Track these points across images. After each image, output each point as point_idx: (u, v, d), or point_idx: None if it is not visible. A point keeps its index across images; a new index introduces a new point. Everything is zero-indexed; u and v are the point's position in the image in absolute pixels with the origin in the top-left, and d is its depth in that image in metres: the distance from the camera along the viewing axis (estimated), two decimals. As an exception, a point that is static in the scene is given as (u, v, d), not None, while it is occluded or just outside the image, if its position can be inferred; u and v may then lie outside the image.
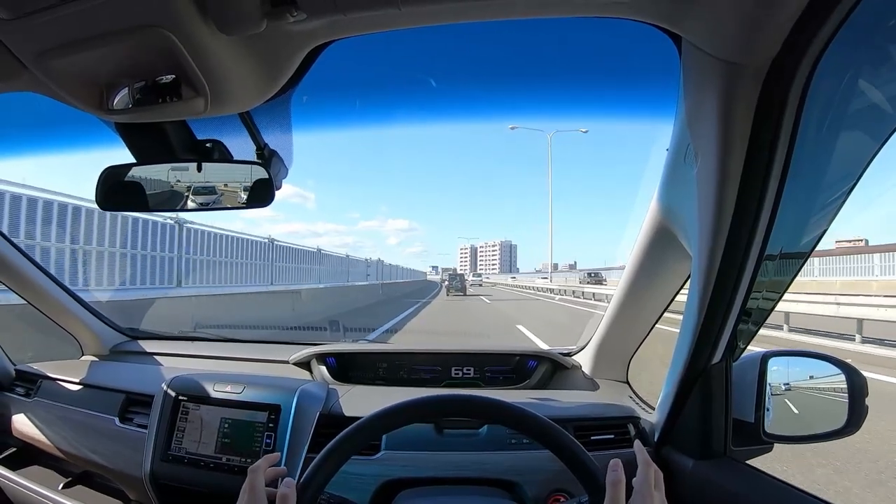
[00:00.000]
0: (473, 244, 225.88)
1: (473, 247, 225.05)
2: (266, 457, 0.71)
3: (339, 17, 0.53)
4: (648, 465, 0.64)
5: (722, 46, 0.57)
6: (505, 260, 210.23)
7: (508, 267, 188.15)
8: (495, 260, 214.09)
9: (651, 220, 0.96)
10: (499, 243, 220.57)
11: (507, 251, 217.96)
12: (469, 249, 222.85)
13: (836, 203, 0.65)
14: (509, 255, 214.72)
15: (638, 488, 0.62)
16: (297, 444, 0.97)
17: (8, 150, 1.27)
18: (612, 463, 0.62)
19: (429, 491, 0.92)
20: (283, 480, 0.65)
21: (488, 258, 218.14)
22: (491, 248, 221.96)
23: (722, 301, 0.75)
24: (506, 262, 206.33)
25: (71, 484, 1.22)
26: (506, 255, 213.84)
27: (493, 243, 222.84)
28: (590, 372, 1.29)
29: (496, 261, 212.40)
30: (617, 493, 0.59)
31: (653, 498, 0.61)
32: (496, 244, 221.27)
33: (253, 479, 0.65)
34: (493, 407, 0.71)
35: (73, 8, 0.50)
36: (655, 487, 0.63)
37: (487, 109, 0.99)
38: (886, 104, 0.59)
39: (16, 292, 1.39)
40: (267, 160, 0.84)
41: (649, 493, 0.61)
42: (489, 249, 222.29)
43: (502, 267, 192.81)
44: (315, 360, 1.38)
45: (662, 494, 0.64)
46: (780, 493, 0.75)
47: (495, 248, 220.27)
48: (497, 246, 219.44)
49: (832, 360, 0.79)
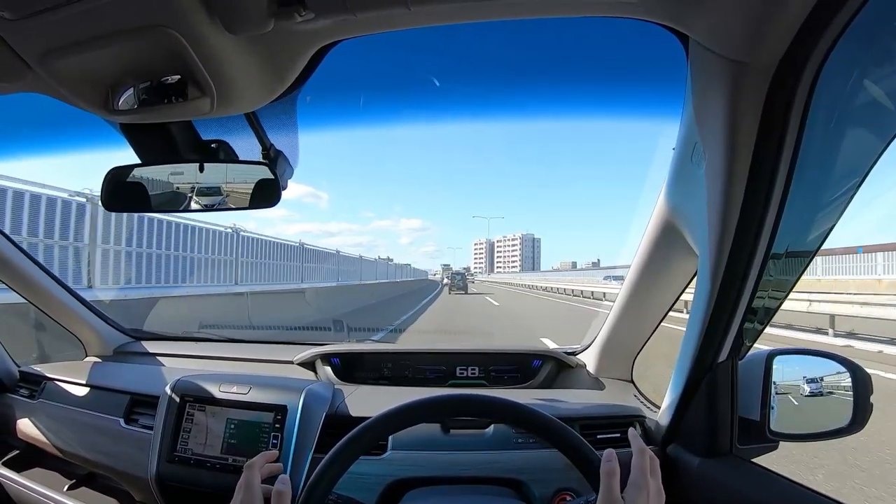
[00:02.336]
0: (490, 238, 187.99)
1: (490, 241, 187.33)
2: (263, 454, 0.71)
3: (346, 17, 0.53)
4: (643, 452, 0.64)
5: (729, 46, 0.57)
6: (527, 256, 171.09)
7: (531, 264, 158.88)
8: (515, 256, 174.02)
9: (657, 218, 0.96)
10: (519, 237, 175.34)
11: (530, 246, 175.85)
12: (485, 244, 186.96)
13: (842, 202, 0.65)
14: (532, 250, 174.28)
15: (634, 475, 0.61)
16: (304, 444, 0.97)
17: (13, 150, 1.27)
18: (607, 453, 0.61)
19: (436, 490, 0.92)
20: (279, 477, 0.64)
21: (507, 254, 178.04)
22: (510, 242, 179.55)
23: (728, 299, 0.75)
24: (527, 258, 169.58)
25: (76, 486, 1.22)
26: (527, 251, 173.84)
27: (512, 237, 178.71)
28: (595, 371, 1.29)
29: (516, 257, 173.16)
30: (612, 482, 0.59)
31: (648, 484, 0.61)
32: (516, 238, 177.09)
33: (249, 476, 0.65)
34: (497, 405, 0.71)
35: (79, 8, 0.50)
36: (651, 474, 0.62)
37: (495, 109, 0.99)
38: (892, 104, 0.59)
39: (19, 293, 1.39)
40: (273, 160, 0.83)
41: (644, 480, 0.61)
42: (508, 244, 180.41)
43: (524, 264, 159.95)
44: (320, 360, 1.38)
45: (658, 481, 0.63)
46: (786, 491, 0.75)
47: (515, 242, 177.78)
48: (517, 240, 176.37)
49: (837, 359, 0.80)
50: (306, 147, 0.86)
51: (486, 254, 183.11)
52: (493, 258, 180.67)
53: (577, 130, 77.09)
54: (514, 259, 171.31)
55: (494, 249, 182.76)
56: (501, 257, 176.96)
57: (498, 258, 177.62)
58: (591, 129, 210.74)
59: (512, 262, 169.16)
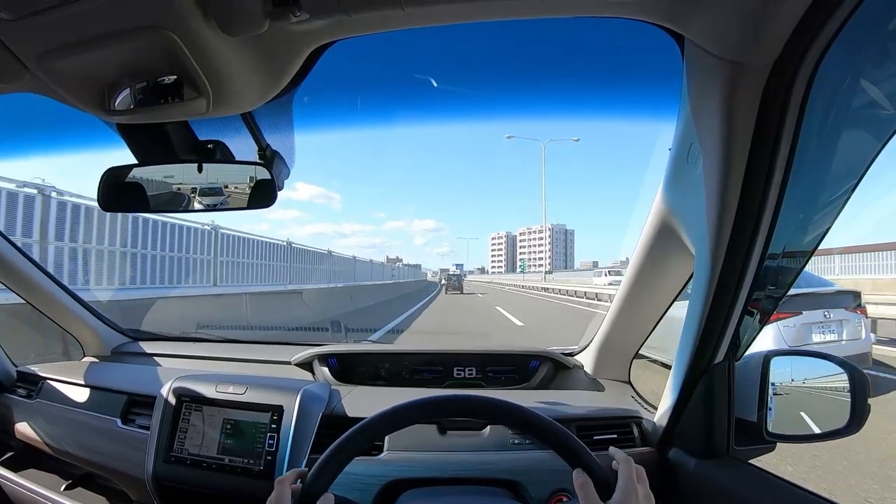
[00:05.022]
0: (510, 232, 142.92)
1: (510, 235, 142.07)
2: (294, 470, 0.69)
3: (341, 18, 0.53)
4: (627, 461, 0.66)
5: (725, 46, 0.57)
6: (558, 251, 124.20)
7: (563, 261, 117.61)
8: (541, 251, 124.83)
9: (654, 219, 0.96)
10: (548, 229, 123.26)
11: (561, 240, 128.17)
12: (504, 239, 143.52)
13: (839, 202, 0.65)
14: (563, 244, 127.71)
15: (622, 481, 0.63)
16: (300, 444, 0.97)
17: (10, 151, 1.27)
18: (576, 472, 0.64)
19: (432, 491, 0.92)
20: (276, 480, 0.64)
21: (533, 249, 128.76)
22: (537, 235, 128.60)
23: (725, 300, 0.75)
24: (559, 254, 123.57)
25: (73, 486, 1.22)
26: (559, 245, 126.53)
27: (538, 229, 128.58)
28: (592, 372, 1.29)
29: (542, 253, 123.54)
30: (586, 494, 0.62)
31: (636, 490, 0.62)
32: (543, 230, 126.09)
33: (280, 492, 0.63)
34: (494, 406, 0.71)
35: (76, 9, 0.50)
36: (639, 480, 0.64)
37: (490, 109, 1.00)
38: (888, 103, 0.59)
39: (17, 294, 1.39)
40: (269, 161, 0.84)
41: (633, 485, 0.63)
42: (533, 238, 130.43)
43: (555, 261, 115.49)
44: (317, 360, 1.38)
45: (646, 487, 0.65)
46: (783, 493, 0.75)
47: (541, 235, 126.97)
48: (546, 232, 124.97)
49: (835, 360, 0.80)
50: (309, 147, 0.86)
51: (506, 249, 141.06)
52: (515, 255, 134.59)
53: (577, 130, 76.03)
54: (539, 255, 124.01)
55: (517, 245, 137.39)
56: (525, 254, 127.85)
57: (521, 254, 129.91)
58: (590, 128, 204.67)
59: (538, 258, 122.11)
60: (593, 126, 79.32)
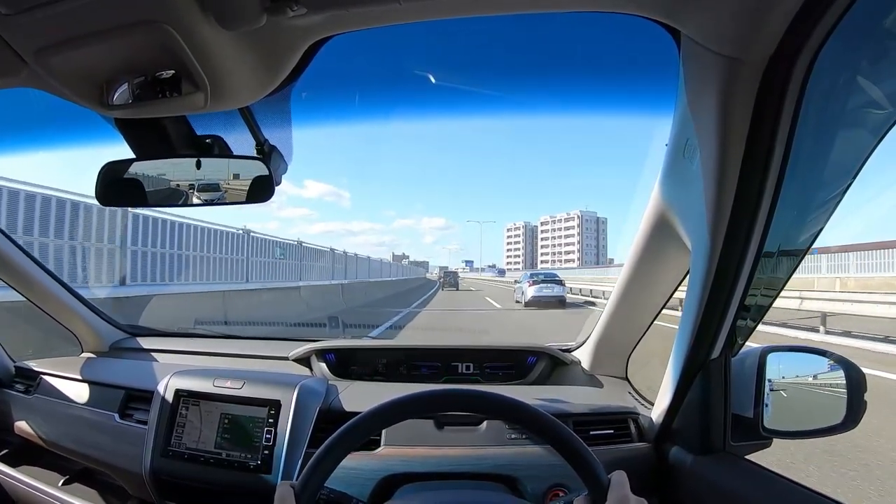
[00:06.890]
0: (529, 222, 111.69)
1: (530, 226, 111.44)
2: None
3: (338, 12, 0.54)
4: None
5: (721, 42, 0.57)
6: (588, 244, 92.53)
7: (595, 256, 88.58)
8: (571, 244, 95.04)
9: (650, 215, 0.96)
10: (576, 216, 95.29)
11: (593, 229, 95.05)
12: (523, 230, 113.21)
13: (834, 199, 0.65)
14: (595, 234, 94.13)
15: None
16: (297, 439, 0.97)
17: (7, 146, 1.26)
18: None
19: (429, 486, 0.92)
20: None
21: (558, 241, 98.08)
22: (564, 224, 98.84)
23: (721, 296, 0.75)
24: (590, 246, 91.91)
25: (71, 481, 1.22)
26: (589, 237, 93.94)
27: (566, 216, 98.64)
28: (589, 368, 1.30)
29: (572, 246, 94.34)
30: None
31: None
32: (571, 218, 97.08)
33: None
34: (491, 402, 0.71)
35: (74, 3, 0.50)
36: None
37: (486, 104, 1.00)
38: (884, 100, 0.59)
39: (15, 289, 1.39)
40: (267, 155, 0.84)
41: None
42: (559, 228, 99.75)
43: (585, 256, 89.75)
44: (315, 356, 1.38)
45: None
46: (779, 488, 0.75)
47: (570, 224, 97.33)
48: (574, 220, 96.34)
49: (831, 356, 0.80)
50: (312, 143, 0.87)
51: (524, 242, 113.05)
52: (536, 249, 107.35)
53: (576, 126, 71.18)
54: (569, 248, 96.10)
55: (538, 235, 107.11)
56: (548, 247, 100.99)
57: (543, 248, 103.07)
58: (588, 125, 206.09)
59: (566, 252, 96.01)
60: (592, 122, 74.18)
